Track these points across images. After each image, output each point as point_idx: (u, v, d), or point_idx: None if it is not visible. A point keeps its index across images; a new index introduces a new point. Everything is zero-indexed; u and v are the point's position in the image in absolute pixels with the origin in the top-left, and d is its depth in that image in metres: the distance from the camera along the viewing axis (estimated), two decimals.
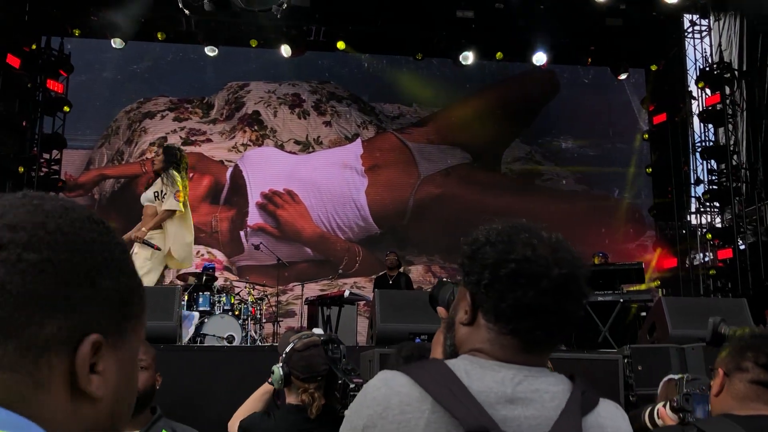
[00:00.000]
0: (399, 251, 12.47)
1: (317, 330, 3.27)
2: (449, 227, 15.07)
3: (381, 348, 5.44)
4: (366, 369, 4.55)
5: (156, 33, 14.52)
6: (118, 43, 14.13)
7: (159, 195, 7.27)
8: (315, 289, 12.82)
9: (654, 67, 15.58)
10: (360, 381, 2.62)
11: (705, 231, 14.55)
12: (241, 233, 14.98)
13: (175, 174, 7.04)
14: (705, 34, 15.04)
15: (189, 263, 7.67)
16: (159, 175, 7.13)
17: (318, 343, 2.85)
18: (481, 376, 1.41)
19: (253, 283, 10.49)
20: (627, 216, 16.06)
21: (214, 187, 15.31)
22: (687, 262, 14.66)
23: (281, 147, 15.70)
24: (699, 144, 14.92)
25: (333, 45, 14.59)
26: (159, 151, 7.28)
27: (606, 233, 15.56)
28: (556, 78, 16.46)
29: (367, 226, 15.29)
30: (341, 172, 15.56)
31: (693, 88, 14.90)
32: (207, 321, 8.65)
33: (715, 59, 14.31)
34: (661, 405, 2.61)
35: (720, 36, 14.55)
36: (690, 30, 15.21)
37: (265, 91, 15.98)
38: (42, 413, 0.72)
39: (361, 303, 10.26)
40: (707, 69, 14.37)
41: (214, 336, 8.51)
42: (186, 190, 7.14)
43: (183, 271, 13.01)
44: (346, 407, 2.61)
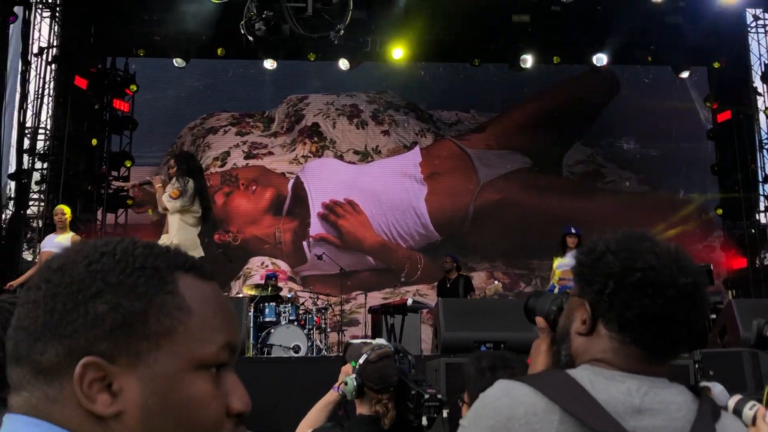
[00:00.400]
0: (460, 258, 12.44)
1: (380, 340, 3.30)
2: (510, 232, 14.98)
3: (446, 357, 5.46)
4: (432, 378, 4.57)
5: (216, 50, 14.82)
6: (179, 62, 14.48)
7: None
8: (378, 298, 12.88)
9: (717, 64, 15.21)
10: (433, 391, 2.64)
11: None
12: (304, 243, 15.16)
13: (190, 181, 7.14)
14: None
15: None
16: (171, 181, 7.23)
17: (390, 354, 2.89)
18: (606, 386, 1.40)
19: (317, 293, 10.61)
20: (693, 216, 15.70)
21: (276, 199, 15.54)
22: (757, 262, 14.25)
23: (341, 157, 15.85)
24: (766, 141, 14.53)
25: (389, 55, 14.67)
26: (170, 161, 7.40)
27: (672, 235, 15.26)
28: (615, 78, 16.23)
29: (428, 233, 15.31)
30: (400, 180, 15.62)
31: (758, 84, 14.50)
32: (273, 331, 8.78)
33: None
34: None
35: None
36: (753, 25, 14.83)
37: (324, 103, 16.16)
38: (62, 423, 0.82)
39: (425, 311, 10.26)
40: None
41: (280, 346, 8.63)
42: (201, 194, 7.20)
43: (248, 283, 13.27)
44: (419, 418, 2.65)
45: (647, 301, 1.42)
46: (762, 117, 14.55)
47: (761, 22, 14.73)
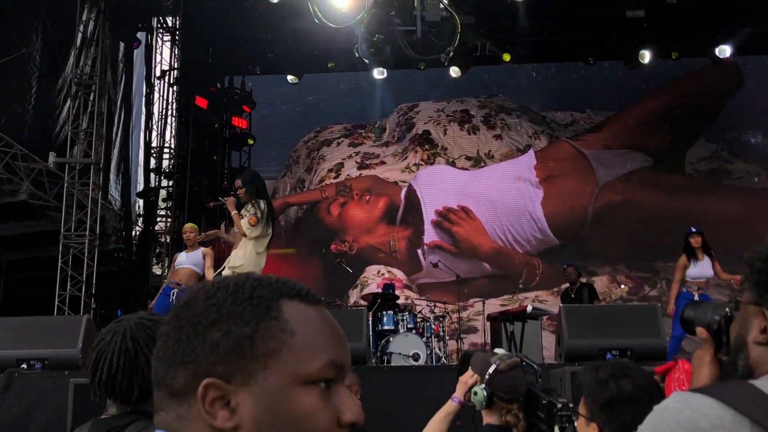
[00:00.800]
0: (580, 262, 12.15)
1: (500, 350, 3.27)
2: (633, 234, 14.50)
3: (571, 365, 5.31)
4: (557, 388, 4.46)
5: (327, 64, 15.12)
6: (293, 78, 14.87)
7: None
8: (496, 305, 12.72)
9: None
10: (565, 401, 2.59)
11: None
12: (419, 251, 15.18)
13: (261, 203, 7.15)
14: None
15: None
16: (245, 206, 7.18)
17: (519, 364, 2.86)
18: None
19: (434, 301, 10.58)
20: None
21: (389, 208, 15.65)
22: None
23: (453, 164, 15.80)
24: None
25: (499, 58, 14.52)
26: (237, 181, 7.30)
27: None
28: (739, 70, 15.45)
29: (546, 238, 15.02)
30: (515, 184, 15.41)
31: None
32: (392, 339, 8.81)
33: None
34: None
35: None
36: None
37: (434, 110, 16.17)
38: None
39: (545, 318, 10.07)
40: None
41: (399, 354, 8.65)
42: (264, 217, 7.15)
43: (366, 292, 13.40)
44: (551, 428, 2.61)
45: None
46: None
47: None
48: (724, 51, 13.74)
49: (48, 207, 12.31)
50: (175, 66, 15.12)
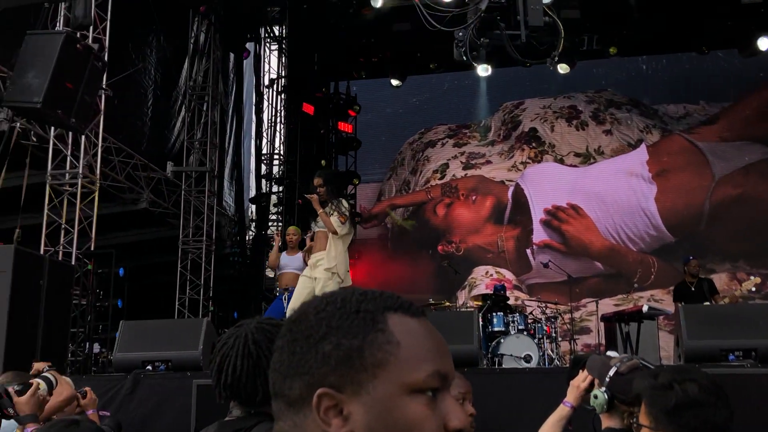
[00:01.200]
0: (698, 259, 11.68)
1: (613, 352, 3.20)
2: (754, 230, 13.84)
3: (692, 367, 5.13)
4: None
5: (430, 65, 15.15)
6: (396, 82, 14.97)
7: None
8: (609, 305, 12.42)
9: None
10: None
11: None
12: (528, 251, 14.99)
13: (343, 201, 7.11)
14: None
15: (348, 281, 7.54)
16: (325, 205, 7.11)
17: (639, 366, 2.79)
18: None
19: (545, 301, 10.42)
20: None
21: (497, 208, 15.52)
22: None
23: (561, 161, 15.52)
24: None
25: (606, 51, 14.17)
26: (320, 182, 7.19)
27: None
28: None
29: (660, 235, 14.52)
30: (626, 180, 14.98)
31: None
32: (503, 341, 8.73)
33: None
34: None
35: None
36: None
37: (541, 107, 15.93)
38: None
39: (661, 317, 9.75)
40: None
41: (511, 356, 8.56)
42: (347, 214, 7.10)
43: (474, 293, 13.34)
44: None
45: None
46: None
47: None
48: None
49: (167, 214, 12.86)
50: (283, 74, 15.50)
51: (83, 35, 8.67)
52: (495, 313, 9.15)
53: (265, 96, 15.56)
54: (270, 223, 15.00)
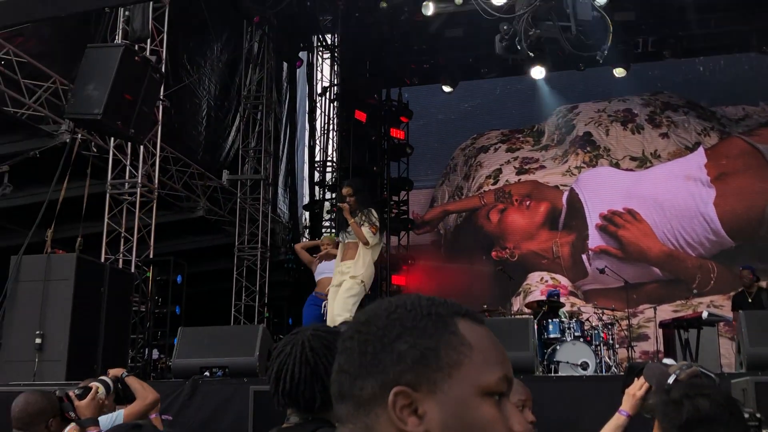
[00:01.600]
0: (760, 264, 11.39)
1: (669, 360, 3.16)
2: None
3: (754, 375, 5.00)
4: (739, 398, 4.21)
5: (481, 70, 15.10)
6: (448, 88, 14.96)
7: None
8: (668, 311, 12.18)
9: None
10: (751, 410, 2.48)
11: None
12: (583, 257, 14.79)
13: (373, 211, 7.03)
14: None
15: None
16: (355, 215, 7.04)
17: (699, 374, 2.75)
18: None
19: (602, 308, 10.26)
20: None
21: (551, 213, 15.36)
22: None
23: (616, 165, 15.29)
24: None
25: (662, 54, 13.94)
26: (350, 191, 7.11)
27: None
28: None
29: (720, 239, 14.19)
30: (684, 184, 14.68)
31: None
32: (558, 348, 8.63)
33: None
34: None
35: None
36: None
37: (595, 111, 15.72)
38: None
39: (721, 324, 9.52)
40: None
41: (567, 363, 8.45)
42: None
43: (529, 299, 13.21)
44: None
45: None
46: None
47: None
48: None
49: (223, 222, 13.06)
50: (335, 82, 15.62)
51: (141, 47, 8.87)
52: (550, 320, 9.04)
53: (318, 104, 15.70)
54: (323, 230, 15.09)
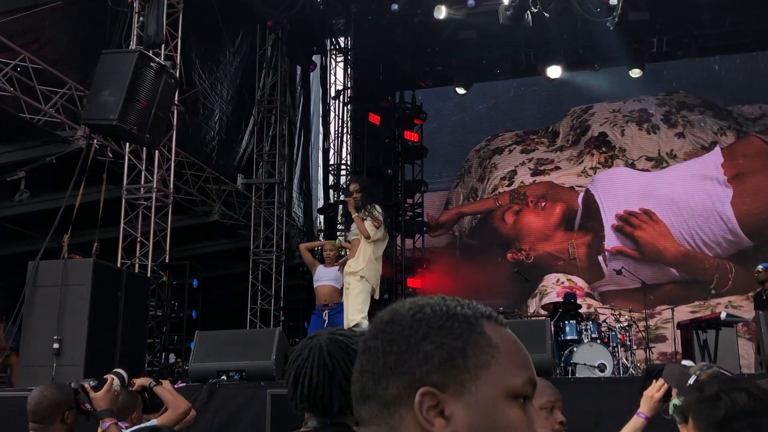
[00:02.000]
0: None
1: (688, 361, 3.14)
2: None
3: None
4: None
5: (495, 71, 15.07)
6: (461, 89, 14.93)
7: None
8: (686, 312, 12.10)
9: None
10: None
11: None
12: (600, 258, 14.72)
13: (377, 207, 7.04)
14: None
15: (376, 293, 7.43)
16: (359, 211, 7.06)
17: (719, 374, 2.72)
18: None
19: (619, 309, 10.21)
20: None
21: (567, 214, 15.30)
22: None
23: (632, 165, 15.21)
24: None
25: (677, 53, 13.85)
26: (357, 187, 7.16)
27: None
28: None
29: (737, 239, 14.08)
30: (701, 184, 14.58)
31: None
32: (576, 349, 8.58)
33: None
34: None
35: None
36: None
37: (610, 111, 15.65)
38: None
39: (740, 324, 9.43)
40: None
41: (584, 365, 8.40)
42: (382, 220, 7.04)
43: (545, 301, 13.15)
44: None
45: None
46: None
47: None
48: None
49: (238, 226, 13.08)
50: (349, 85, 15.62)
51: (155, 53, 8.91)
52: (567, 322, 9.01)
53: (332, 107, 15.70)
54: (338, 233, 15.10)
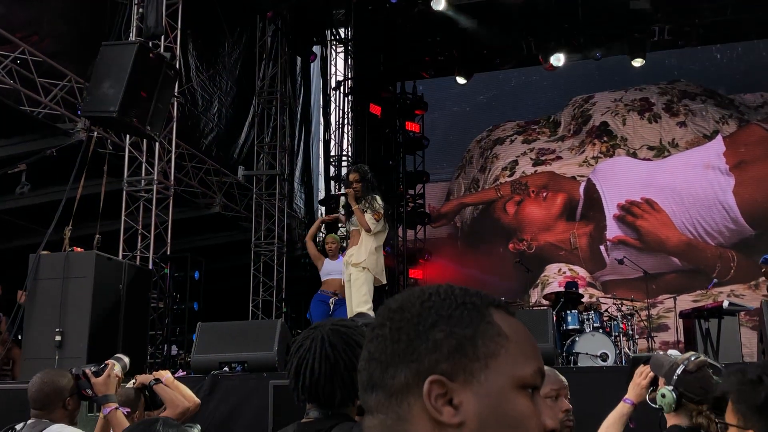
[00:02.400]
0: None
1: (673, 351, 3.19)
2: None
3: None
4: None
5: (496, 61, 15.04)
6: (462, 79, 14.89)
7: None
8: (688, 301, 12.10)
9: None
10: None
11: None
12: (601, 248, 14.71)
13: (378, 198, 7.02)
14: None
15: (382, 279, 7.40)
16: (360, 201, 7.04)
17: (707, 364, 2.76)
18: None
19: (620, 299, 10.20)
20: None
21: (568, 204, 15.28)
22: None
23: (634, 155, 15.18)
24: None
25: (678, 42, 13.81)
26: (356, 177, 7.12)
27: None
28: None
29: (739, 228, 14.07)
30: (703, 173, 14.55)
31: None
32: (578, 339, 8.58)
33: None
34: None
35: None
36: None
37: (611, 100, 15.61)
38: None
39: (743, 313, 9.42)
40: None
41: (587, 354, 8.40)
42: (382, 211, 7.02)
43: (547, 291, 13.16)
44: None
45: None
46: None
47: None
48: None
49: (239, 218, 13.08)
50: (349, 76, 15.59)
51: (155, 44, 8.89)
52: (569, 311, 9.01)
53: (332, 98, 15.67)
54: (339, 225, 15.12)
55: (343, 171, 15.34)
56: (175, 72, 7.85)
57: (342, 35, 15.68)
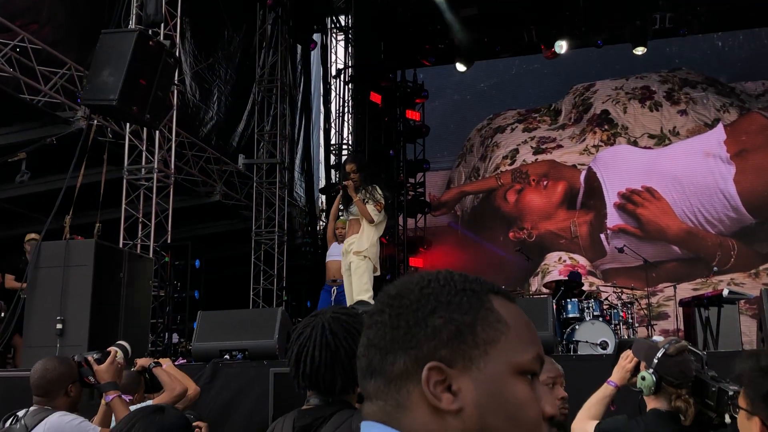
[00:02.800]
0: None
1: (659, 337, 3.24)
2: None
3: None
4: None
5: (496, 48, 14.99)
6: (462, 67, 14.84)
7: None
8: (688, 289, 12.11)
9: None
10: (736, 388, 2.47)
11: None
12: (602, 236, 14.72)
13: (378, 188, 7.01)
14: None
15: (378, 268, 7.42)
16: (359, 191, 7.06)
17: (687, 348, 2.81)
18: None
19: (621, 287, 10.21)
20: None
21: (569, 192, 15.27)
22: None
23: (634, 143, 15.16)
24: None
25: (679, 30, 13.76)
26: (353, 167, 7.10)
27: None
28: None
29: (740, 216, 14.06)
30: (704, 161, 14.54)
31: None
32: (578, 327, 8.60)
33: None
34: None
35: None
36: None
37: (612, 89, 15.57)
38: (409, 428, 0.96)
39: (742, 302, 9.44)
40: None
41: (587, 342, 8.43)
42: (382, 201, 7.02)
43: (548, 279, 13.17)
44: (721, 415, 2.60)
45: None
46: None
47: None
48: None
49: (240, 206, 13.08)
50: (350, 64, 15.55)
51: (155, 32, 8.86)
52: (569, 300, 9.02)
53: (333, 86, 15.64)
54: (339, 213, 15.13)
55: (343, 159, 15.33)
56: (175, 60, 7.83)
57: (342, 23, 15.63)
